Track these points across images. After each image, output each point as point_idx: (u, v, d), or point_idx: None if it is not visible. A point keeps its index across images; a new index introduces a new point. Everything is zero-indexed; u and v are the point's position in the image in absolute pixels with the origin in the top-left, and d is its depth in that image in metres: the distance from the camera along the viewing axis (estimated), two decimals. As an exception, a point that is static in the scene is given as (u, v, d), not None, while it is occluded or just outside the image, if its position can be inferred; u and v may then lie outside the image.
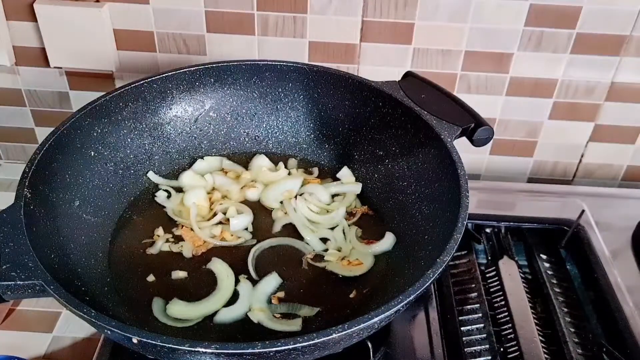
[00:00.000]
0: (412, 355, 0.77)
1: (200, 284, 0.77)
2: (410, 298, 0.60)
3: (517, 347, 0.78)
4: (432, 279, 0.62)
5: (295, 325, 0.72)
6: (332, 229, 0.84)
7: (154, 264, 0.79)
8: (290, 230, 0.84)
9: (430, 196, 0.80)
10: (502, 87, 1.02)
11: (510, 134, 1.08)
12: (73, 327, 0.83)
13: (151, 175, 0.89)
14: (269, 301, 0.75)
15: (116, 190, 0.85)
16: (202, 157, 0.93)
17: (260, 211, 0.87)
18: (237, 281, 0.76)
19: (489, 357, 0.78)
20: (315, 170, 0.93)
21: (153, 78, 0.87)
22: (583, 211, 0.96)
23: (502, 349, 0.78)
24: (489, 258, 0.93)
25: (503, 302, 0.84)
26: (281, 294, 0.75)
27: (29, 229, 0.64)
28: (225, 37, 0.99)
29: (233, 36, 0.99)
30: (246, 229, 0.84)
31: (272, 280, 0.77)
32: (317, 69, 0.90)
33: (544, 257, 0.94)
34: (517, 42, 0.97)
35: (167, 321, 0.72)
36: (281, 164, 0.92)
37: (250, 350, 0.55)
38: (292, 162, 0.94)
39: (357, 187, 0.89)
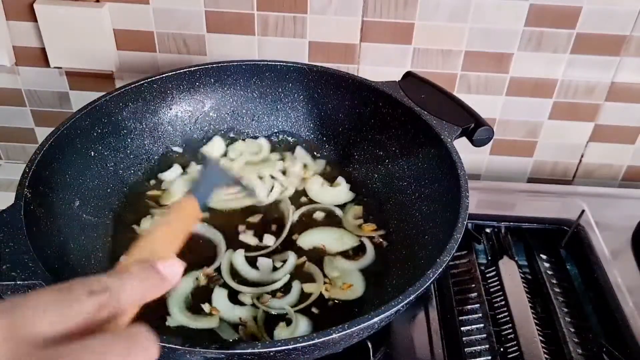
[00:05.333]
0: (412, 355, 0.77)
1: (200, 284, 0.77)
2: (410, 298, 0.60)
3: (517, 347, 0.78)
4: (432, 279, 0.62)
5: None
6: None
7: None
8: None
9: (430, 196, 0.80)
10: (502, 87, 1.02)
11: (510, 134, 1.08)
12: (73, 327, 0.83)
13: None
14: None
15: (116, 191, 0.85)
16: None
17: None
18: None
19: (489, 357, 0.78)
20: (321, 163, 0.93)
21: (153, 78, 0.87)
22: (583, 211, 0.96)
23: (502, 349, 0.78)
24: (489, 258, 0.93)
25: (503, 302, 0.84)
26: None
27: (29, 229, 0.64)
28: (225, 37, 0.99)
29: (233, 36, 0.99)
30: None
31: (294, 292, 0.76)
32: (317, 69, 0.90)
33: (544, 257, 0.94)
34: (517, 42, 0.97)
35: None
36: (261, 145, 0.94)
37: (250, 350, 0.55)
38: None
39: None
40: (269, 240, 0.81)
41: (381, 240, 0.82)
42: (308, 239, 0.82)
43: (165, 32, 0.99)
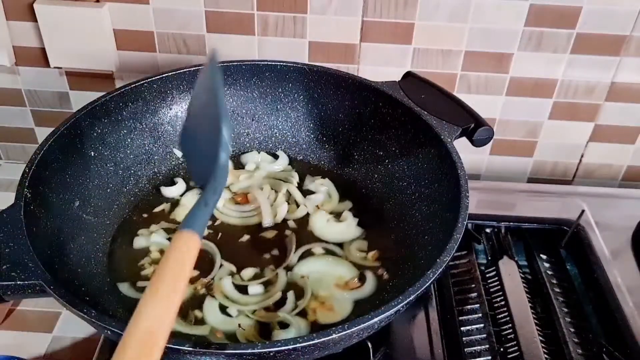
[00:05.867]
0: (412, 355, 0.77)
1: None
2: (410, 298, 0.60)
3: (517, 347, 0.78)
4: (432, 279, 0.62)
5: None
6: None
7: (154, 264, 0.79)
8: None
9: (430, 196, 0.80)
10: (502, 87, 1.02)
11: (510, 134, 1.08)
12: (73, 327, 0.83)
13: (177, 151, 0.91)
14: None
15: (116, 190, 0.85)
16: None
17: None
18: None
19: (489, 357, 0.78)
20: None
21: (153, 78, 0.87)
22: (583, 211, 0.96)
23: (502, 349, 0.78)
24: (489, 258, 0.93)
25: (503, 302, 0.84)
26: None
27: (29, 229, 0.64)
28: (225, 37, 0.99)
29: (233, 36, 0.99)
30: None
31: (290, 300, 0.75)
32: (317, 69, 0.90)
33: (544, 257, 0.94)
34: (517, 42, 0.97)
35: None
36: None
37: (250, 351, 0.55)
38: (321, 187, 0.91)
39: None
40: (256, 289, 0.76)
41: (384, 272, 0.78)
42: (305, 268, 0.79)
43: (165, 32, 0.99)
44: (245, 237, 0.83)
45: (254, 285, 0.76)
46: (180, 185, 0.89)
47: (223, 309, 0.73)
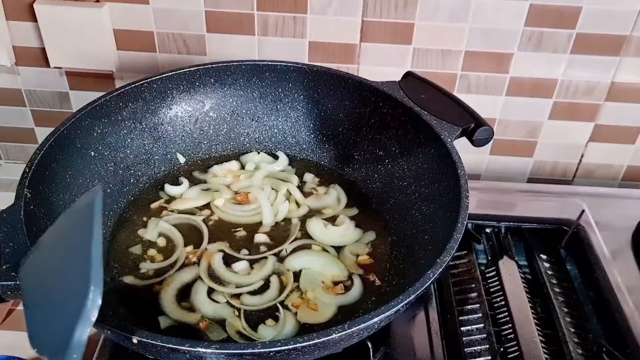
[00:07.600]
0: (412, 355, 0.77)
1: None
2: (411, 298, 0.60)
3: (517, 347, 0.78)
4: (432, 279, 0.62)
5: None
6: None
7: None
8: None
9: (430, 196, 0.80)
10: (502, 87, 1.02)
11: (510, 134, 1.08)
12: (73, 327, 0.83)
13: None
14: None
15: (116, 190, 0.85)
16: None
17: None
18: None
19: (489, 357, 0.78)
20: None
21: (153, 78, 0.87)
22: (583, 211, 0.96)
23: (502, 349, 0.78)
24: (489, 258, 0.93)
25: (503, 302, 0.84)
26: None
27: (29, 229, 0.64)
28: (225, 37, 0.99)
29: (233, 36, 0.99)
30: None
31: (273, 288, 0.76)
32: (317, 69, 0.90)
33: (544, 257, 0.94)
34: (517, 42, 0.97)
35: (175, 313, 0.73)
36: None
37: (250, 350, 0.55)
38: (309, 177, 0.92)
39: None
40: (240, 265, 0.79)
41: (375, 277, 0.78)
42: (298, 262, 0.79)
43: (165, 32, 0.99)
44: (243, 233, 0.83)
45: (240, 262, 0.78)
46: (185, 184, 0.89)
47: (210, 294, 0.75)
